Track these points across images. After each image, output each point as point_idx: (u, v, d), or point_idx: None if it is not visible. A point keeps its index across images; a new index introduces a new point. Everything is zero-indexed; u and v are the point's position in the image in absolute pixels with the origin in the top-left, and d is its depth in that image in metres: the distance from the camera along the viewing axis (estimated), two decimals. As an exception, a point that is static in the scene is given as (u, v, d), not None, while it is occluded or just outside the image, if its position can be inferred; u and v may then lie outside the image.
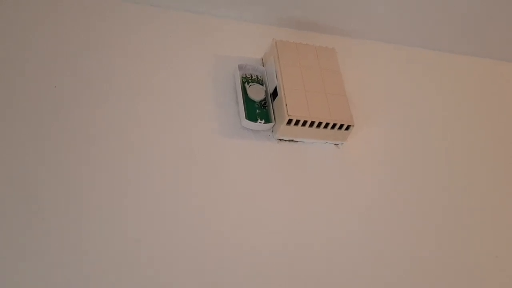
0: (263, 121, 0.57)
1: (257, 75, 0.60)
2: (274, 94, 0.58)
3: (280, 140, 0.58)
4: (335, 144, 0.60)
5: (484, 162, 0.67)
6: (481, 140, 0.69)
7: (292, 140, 0.58)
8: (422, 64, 0.74)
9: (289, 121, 0.55)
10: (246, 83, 0.59)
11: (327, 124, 0.56)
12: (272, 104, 0.58)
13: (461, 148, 0.67)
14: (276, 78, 0.58)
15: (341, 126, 0.57)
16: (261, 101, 0.58)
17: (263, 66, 0.62)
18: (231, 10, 0.65)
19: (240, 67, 0.60)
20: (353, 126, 0.57)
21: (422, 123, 0.67)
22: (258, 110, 0.57)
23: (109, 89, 0.54)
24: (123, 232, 0.46)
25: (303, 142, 0.59)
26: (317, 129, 0.57)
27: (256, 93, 0.58)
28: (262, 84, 0.60)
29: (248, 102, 0.58)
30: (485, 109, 0.73)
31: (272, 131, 0.58)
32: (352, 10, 0.68)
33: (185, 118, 0.55)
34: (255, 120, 0.56)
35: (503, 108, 0.74)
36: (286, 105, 0.55)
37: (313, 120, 0.55)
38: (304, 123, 0.55)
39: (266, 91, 0.59)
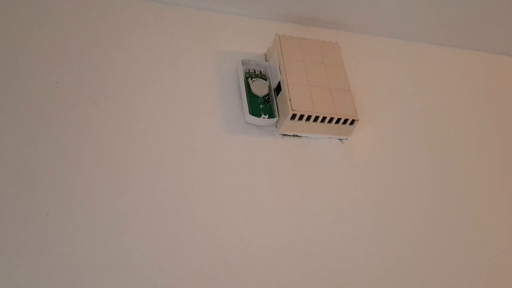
0: (266, 116, 0.56)
1: (260, 70, 0.60)
2: (278, 89, 0.58)
3: (284, 135, 0.57)
4: (340, 139, 0.59)
5: (491, 157, 0.66)
6: (488, 135, 0.69)
7: (296, 135, 0.58)
8: (426, 59, 0.74)
9: (293, 116, 0.55)
10: (250, 78, 0.59)
11: (331, 119, 0.56)
12: (275, 99, 0.58)
13: (467, 143, 0.66)
14: (280, 73, 0.57)
15: (345, 121, 0.57)
16: (265, 96, 0.58)
17: (266, 61, 0.62)
18: (234, 6, 0.65)
19: (243, 63, 0.59)
20: (357, 120, 0.57)
21: (426, 117, 0.67)
22: (262, 105, 0.57)
23: (112, 85, 0.54)
24: (128, 228, 0.46)
25: (307, 137, 0.58)
26: (322, 124, 0.56)
27: (260, 88, 0.58)
28: (265, 79, 0.59)
29: (251, 97, 0.57)
30: (492, 103, 0.73)
31: (276, 126, 0.57)
32: (355, 4, 0.68)
33: (189, 114, 0.55)
34: (258, 115, 0.56)
35: (510, 102, 0.74)
36: (290, 99, 0.55)
37: (317, 115, 0.55)
38: (308, 117, 0.55)
39: (269, 86, 0.59)
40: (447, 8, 0.71)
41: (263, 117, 0.56)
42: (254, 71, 0.60)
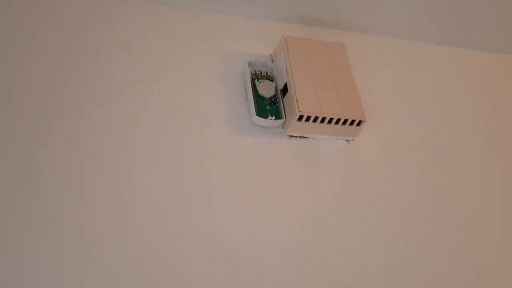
0: (273, 117, 0.56)
1: (266, 72, 0.60)
2: (284, 90, 0.58)
3: (291, 136, 0.57)
4: (347, 140, 0.59)
5: (497, 156, 0.66)
6: (494, 134, 0.68)
7: (303, 137, 0.58)
8: (434, 60, 0.74)
9: (300, 117, 0.54)
10: (256, 79, 0.59)
11: (338, 120, 0.56)
12: (282, 100, 0.58)
13: (473, 143, 0.66)
14: (286, 74, 0.57)
15: (352, 122, 0.56)
16: (271, 97, 0.58)
17: (272, 62, 0.62)
18: (239, 7, 0.65)
19: (250, 64, 0.59)
20: (364, 121, 0.57)
21: (434, 118, 0.67)
22: (269, 106, 0.57)
23: (119, 88, 0.54)
24: (136, 230, 0.46)
25: (314, 138, 0.58)
26: (328, 125, 0.56)
27: (266, 90, 0.58)
28: (272, 81, 0.59)
29: (258, 98, 0.57)
30: (497, 103, 0.72)
31: (283, 128, 0.57)
32: (361, 5, 0.68)
33: (195, 115, 0.55)
34: (265, 117, 0.56)
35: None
36: (296, 101, 0.55)
37: (324, 116, 0.55)
38: (315, 119, 0.55)
39: (276, 88, 0.59)
40: (456, 8, 0.71)
41: (270, 119, 0.56)
42: (261, 72, 0.60)
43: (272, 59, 0.63)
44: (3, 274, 0.41)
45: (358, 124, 0.57)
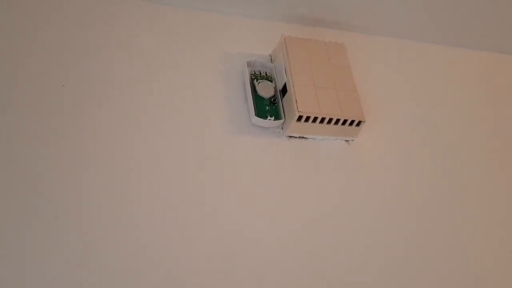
0: (272, 118, 0.56)
1: (266, 72, 0.60)
2: (284, 90, 0.58)
3: (290, 137, 0.57)
4: (346, 140, 0.59)
5: (498, 157, 0.66)
6: (494, 135, 0.68)
7: (302, 137, 0.58)
8: (434, 60, 0.74)
9: (299, 118, 0.54)
10: (255, 80, 0.59)
11: (337, 120, 0.56)
12: (281, 100, 0.58)
13: (473, 143, 0.66)
14: (285, 74, 0.57)
15: (352, 122, 0.56)
16: (271, 98, 0.58)
17: (271, 62, 0.62)
18: (239, 7, 0.65)
19: (249, 64, 0.59)
20: (364, 122, 0.57)
21: (434, 119, 0.67)
22: (268, 107, 0.57)
23: (119, 88, 0.54)
24: (136, 229, 0.46)
25: (313, 139, 0.58)
26: (328, 126, 0.56)
27: (266, 90, 0.58)
28: (271, 81, 0.59)
29: (257, 99, 0.57)
30: (497, 103, 0.72)
31: (282, 128, 0.57)
32: (361, 5, 0.68)
33: (195, 116, 0.55)
34: (264, 117, 0.56)
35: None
36: (296, 101, 0.55)
37: (324, 116, 0.55)
38: (315, 119, 0.55)
39: (275, 88, 0.59)
40: (456, 8, 0.71)
41: (269, 119, 0.56)
42: (260, 73, 0.60)
43: (271, 59, 0.63)
44: (3, 274, 0.41)
45: (358, 124, 0.57)
